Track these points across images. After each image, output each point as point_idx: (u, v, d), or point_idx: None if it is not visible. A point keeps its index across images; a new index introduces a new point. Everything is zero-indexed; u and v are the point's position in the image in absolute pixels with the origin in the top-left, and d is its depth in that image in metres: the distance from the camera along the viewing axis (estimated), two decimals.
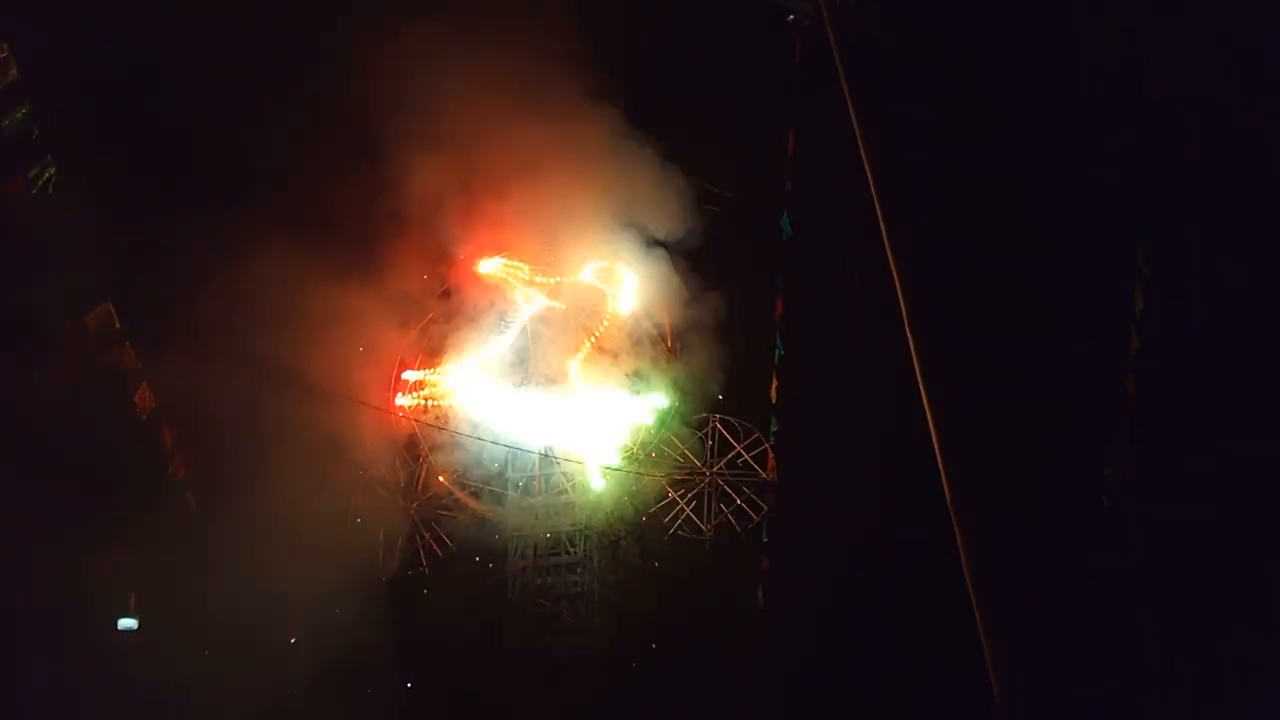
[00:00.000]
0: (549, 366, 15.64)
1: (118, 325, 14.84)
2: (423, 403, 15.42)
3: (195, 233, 13.90)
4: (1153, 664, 13.04)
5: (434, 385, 15.51)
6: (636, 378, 15.45)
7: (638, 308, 15.63)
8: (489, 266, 15.62)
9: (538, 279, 15.67)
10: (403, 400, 15.47)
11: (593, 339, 15.50)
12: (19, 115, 14.15)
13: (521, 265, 15.64)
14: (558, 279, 15.66)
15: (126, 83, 14.41)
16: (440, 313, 15.59)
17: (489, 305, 15.62)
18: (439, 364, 15.57)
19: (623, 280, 15.57)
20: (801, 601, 14.75)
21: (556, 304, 15.70)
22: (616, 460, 15.27)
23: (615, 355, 15.53)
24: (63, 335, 14.54)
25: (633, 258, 15.42)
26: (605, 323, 15.55)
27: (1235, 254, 13.36)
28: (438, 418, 15.40)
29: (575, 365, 15.54)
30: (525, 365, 15.64)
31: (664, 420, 15.28)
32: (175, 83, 14.38)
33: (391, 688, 15.39)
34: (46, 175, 14.63)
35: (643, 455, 15.27)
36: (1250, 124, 13.23)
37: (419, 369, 15.53)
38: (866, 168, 12.97)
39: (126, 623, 15.13)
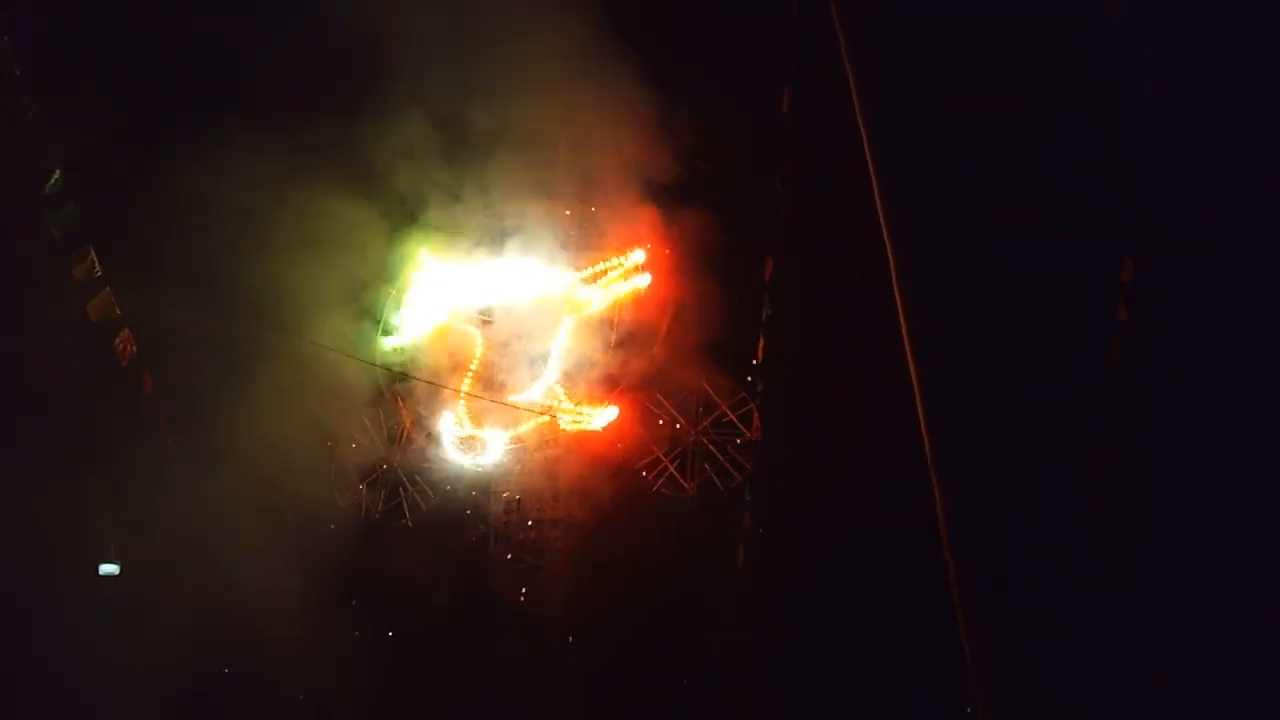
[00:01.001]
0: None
1: (99, 271, 14.68)
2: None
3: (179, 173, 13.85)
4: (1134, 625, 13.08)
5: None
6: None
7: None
8: None
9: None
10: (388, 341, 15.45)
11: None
12: None
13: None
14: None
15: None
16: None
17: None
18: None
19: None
20: (784, 562, 14.78)
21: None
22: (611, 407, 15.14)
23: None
24: (44, 282, 14.50)
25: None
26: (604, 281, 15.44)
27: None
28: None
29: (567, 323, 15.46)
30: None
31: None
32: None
33: (374, 637, 15.44)
34: (28, 114, 14.41)
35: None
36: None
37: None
38: (861, 127, 12.87)
39: (108, 568, 15.16)
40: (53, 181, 14.14)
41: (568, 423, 15.13)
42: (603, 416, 15.13)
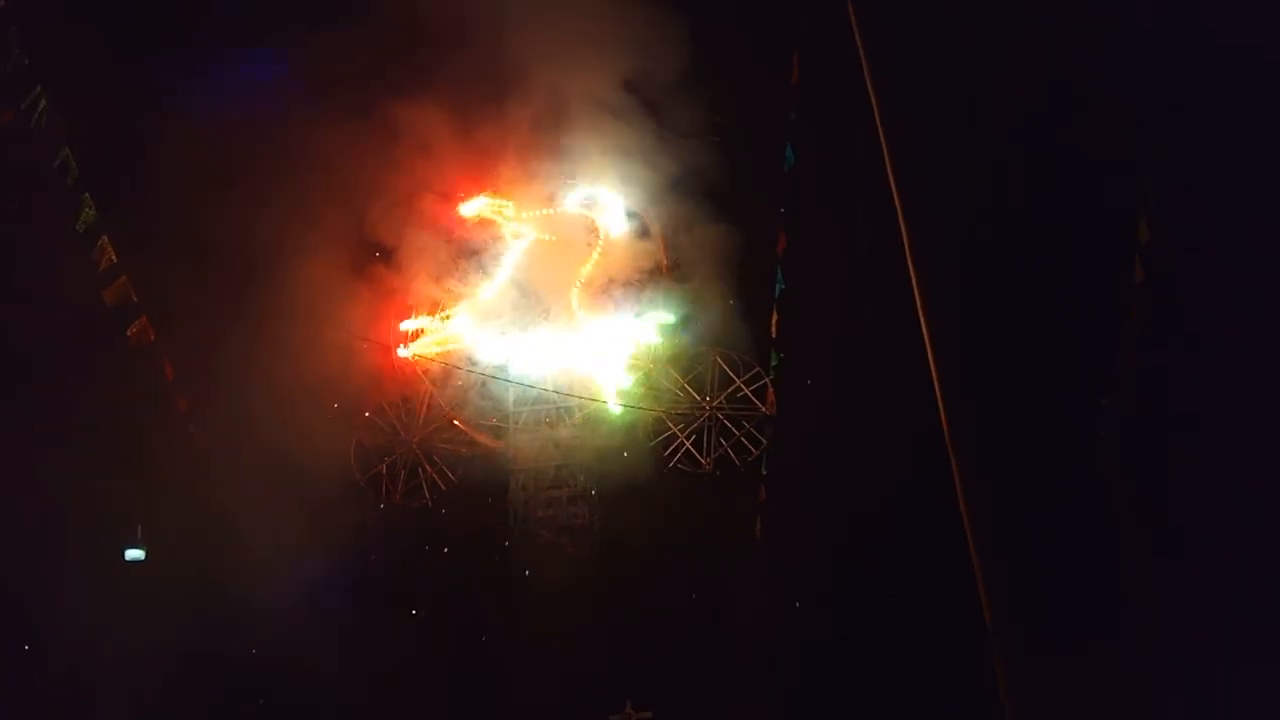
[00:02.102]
0: (548, 299, 15.61)
1: (115, 259, 14.77)
2: (431, 350, 15.45)
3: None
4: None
5: (436, 332, 15.51)
6: (637, 297, 15.39)
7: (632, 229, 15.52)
8: (472, 208, 15.51)
9: (524, 214, 15.55)
10: (405, 352, 15.48)
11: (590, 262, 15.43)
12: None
13: (506, 202, 15.51)
14: (546, 211, 15.51)
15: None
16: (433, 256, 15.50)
17: (480, 246, 15.54)
18: (437, 310, 15.56)
19: (611, 206, 15.42)
20: (800, 536, 14.87)
21: (547, 236, 15.60)
22: (629, 383, 15.21)
23: (611, 280, 15.47)
24: (64, 272, 14.60)
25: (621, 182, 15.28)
26: (599, 249, 15.42)
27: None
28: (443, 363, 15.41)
29: (574, 294, 15.48)
30: (526, 301, 15.58)
31: (672, 332, 15.24)
32: None
33: (398, 615, 15.63)
34: (40, 106, 14.44)
35: (646, 382, 15.26)
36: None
37: (416, 315, 15.53)
38: (873, 102, 12.78)
39: (134, 554, 15.33)
40: (67, 170, 14.17)
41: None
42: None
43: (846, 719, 14.03)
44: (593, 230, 15.52)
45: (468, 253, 15.58)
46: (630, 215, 15.48)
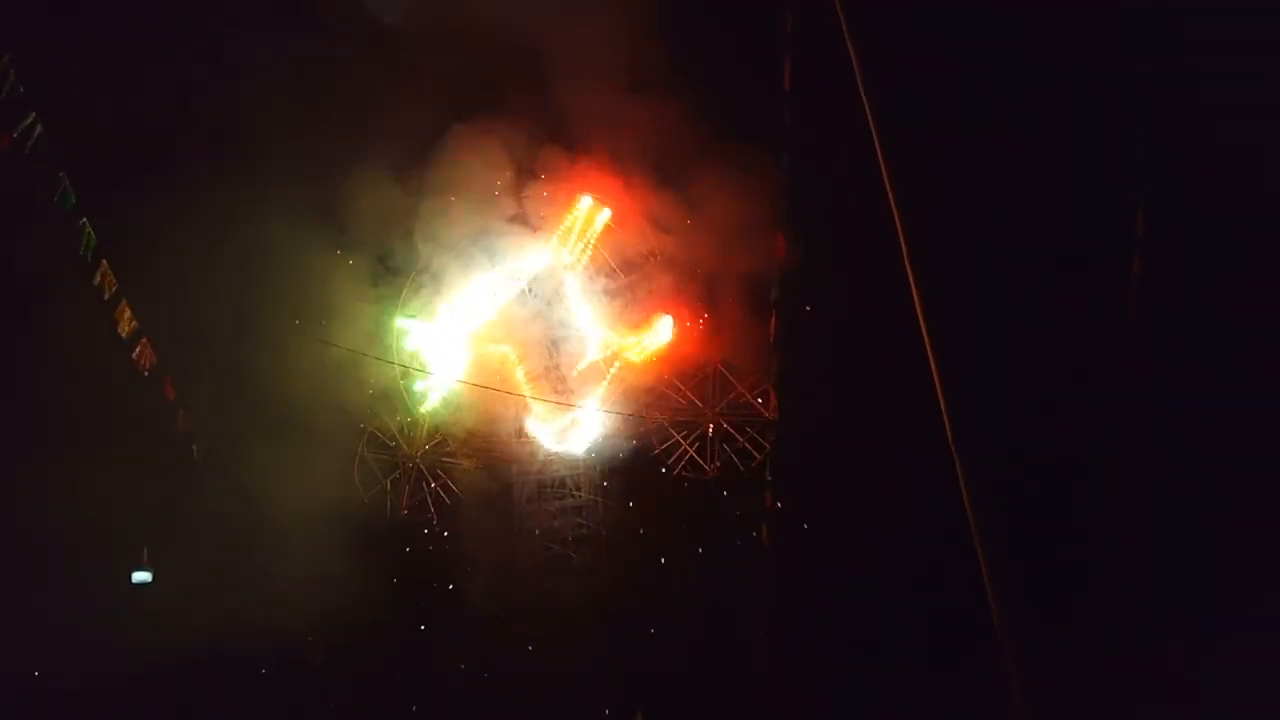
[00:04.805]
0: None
1: (114, 282, 14.79)
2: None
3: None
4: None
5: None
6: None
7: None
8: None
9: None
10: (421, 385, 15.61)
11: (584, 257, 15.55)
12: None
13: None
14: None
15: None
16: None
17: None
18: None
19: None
20: (804, 538, 14.89)
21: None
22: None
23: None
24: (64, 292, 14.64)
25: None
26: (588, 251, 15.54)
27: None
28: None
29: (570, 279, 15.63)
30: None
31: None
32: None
33: (401, 632, 15.65)
34: (35, 133, 14.43)
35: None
36: None
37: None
38: (865, 105, 12.76)
39: (140, 576, 15.32)
40: (65, 197, 14.20)
41: (637, 352, 15.31)
42: (662, 328, 15.30)
43: None
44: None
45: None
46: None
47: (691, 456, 15.25)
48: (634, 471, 15.50)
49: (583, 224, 15.55)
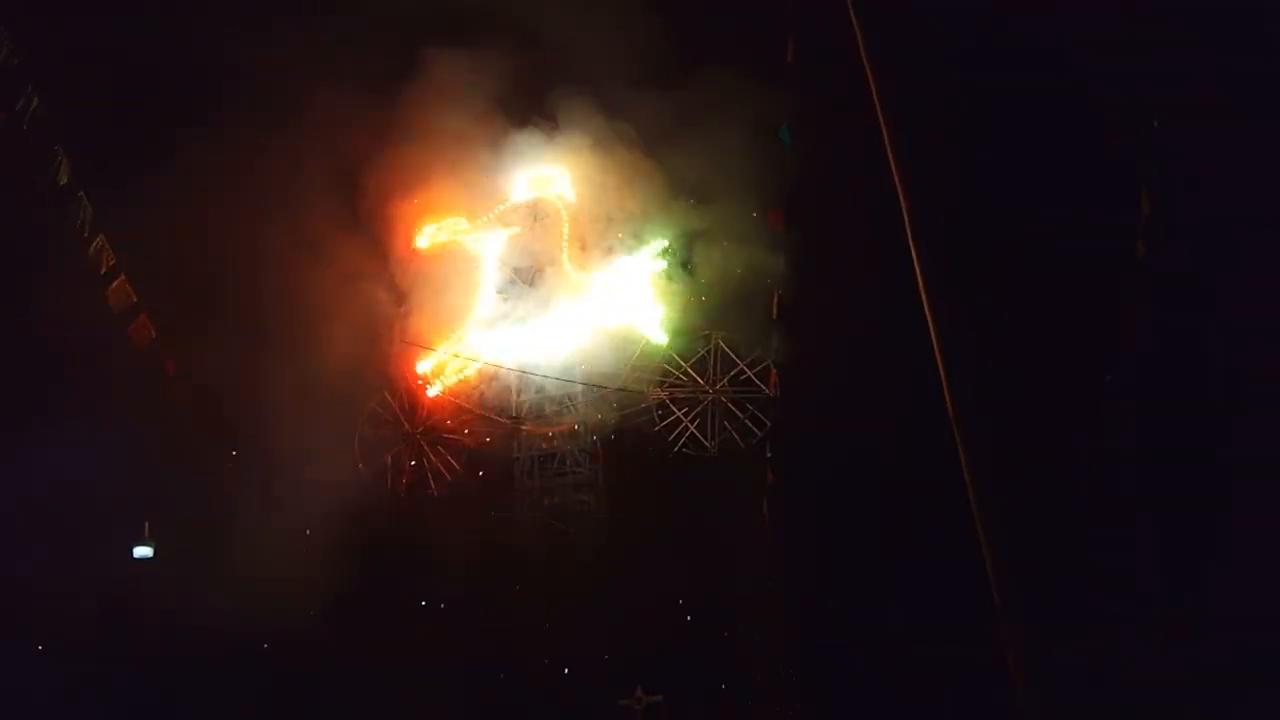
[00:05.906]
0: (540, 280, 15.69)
1: (113, 261, 14.76)
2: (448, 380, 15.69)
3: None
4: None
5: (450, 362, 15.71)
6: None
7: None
8: (426, 238, 15.72)
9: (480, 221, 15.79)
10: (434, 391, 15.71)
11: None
12: None
13: (456, 220, 15.72)
14: (499, 208, 15.74)
15: None
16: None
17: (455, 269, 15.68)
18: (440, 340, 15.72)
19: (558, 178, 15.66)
20: (805, 516, 14.90)
21: (513, 229, 15.73)
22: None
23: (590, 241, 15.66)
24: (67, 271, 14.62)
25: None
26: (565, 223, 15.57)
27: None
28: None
29: (565, 261, 15.65)
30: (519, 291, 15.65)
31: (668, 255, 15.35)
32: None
33: (407, 605, 15.70)
34: (32, 106, 14.37)
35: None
36: None
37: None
38: (869, 78, 12.66)
39: (142, 550, 15.33)
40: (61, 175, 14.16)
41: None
42: None
43: (855, 701, 14.09)
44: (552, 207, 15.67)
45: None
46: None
47: (693, 433, 15.23)
48: (635, 448, 15.46)
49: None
